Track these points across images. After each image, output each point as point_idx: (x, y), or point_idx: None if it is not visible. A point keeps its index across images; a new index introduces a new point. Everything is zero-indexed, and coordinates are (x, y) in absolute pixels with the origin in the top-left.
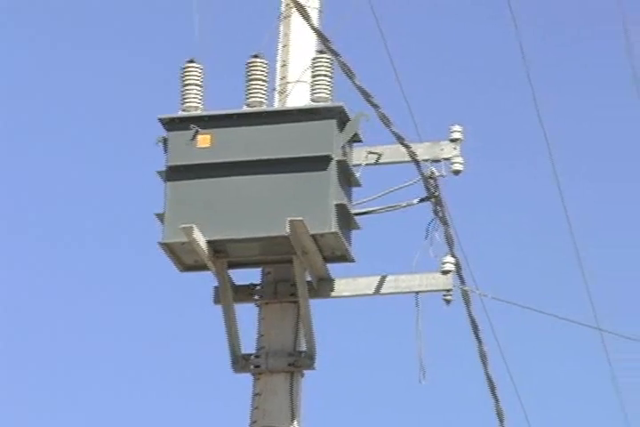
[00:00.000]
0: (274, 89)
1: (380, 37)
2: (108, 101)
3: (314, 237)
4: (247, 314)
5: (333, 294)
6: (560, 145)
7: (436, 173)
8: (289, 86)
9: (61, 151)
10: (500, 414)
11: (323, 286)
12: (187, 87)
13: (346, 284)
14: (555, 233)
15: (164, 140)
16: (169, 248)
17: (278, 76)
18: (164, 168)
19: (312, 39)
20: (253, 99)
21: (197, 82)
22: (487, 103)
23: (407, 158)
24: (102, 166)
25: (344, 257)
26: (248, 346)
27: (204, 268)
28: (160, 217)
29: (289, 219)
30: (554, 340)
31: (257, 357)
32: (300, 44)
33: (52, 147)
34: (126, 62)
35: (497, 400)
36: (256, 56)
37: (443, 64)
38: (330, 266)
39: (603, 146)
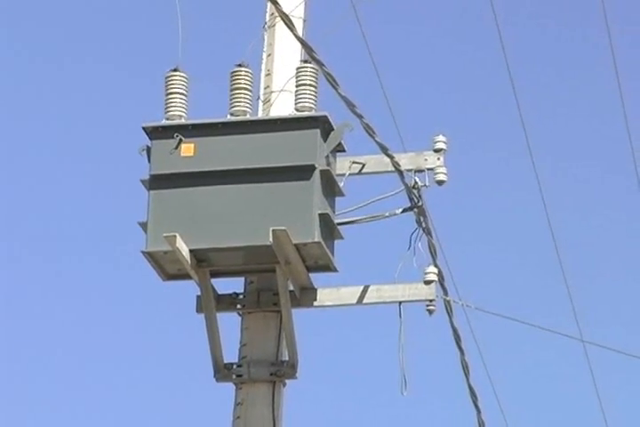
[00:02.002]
0: (258, 98)
1: (365, 47)
2: (91, 109)
3: (297, 246)
4: (230, 323)
5: (316, 303)
6: (544, 155)
7: (420, 184)
8: (273, 96)
9: (44, 159)
10: (481, 426)
11: (305, 296)
12: (170, 96)
13: (329, 293)
14: (538, 244)
15: (148, 149)
16: (152, 257)
17: (262, 86)
18: (147, 177)
19: (296, 49)
20: (237, 108)
21: (181, 91)
22: (471, 113)
23: (391, 168)
24: (86, 175)
25: (327, 267)
26: (230, 355)
27: (186, 277)
28: (143, 226)
29: (272, 228)
30: (537, 351)
31: (239, 366)
32: (284, 54)
33: (34, 155)
34: (110, 70)
35: (479, 411)
36: (240, 65)
37: (427, 74)
38: (313, 276)
39: (589, 154)
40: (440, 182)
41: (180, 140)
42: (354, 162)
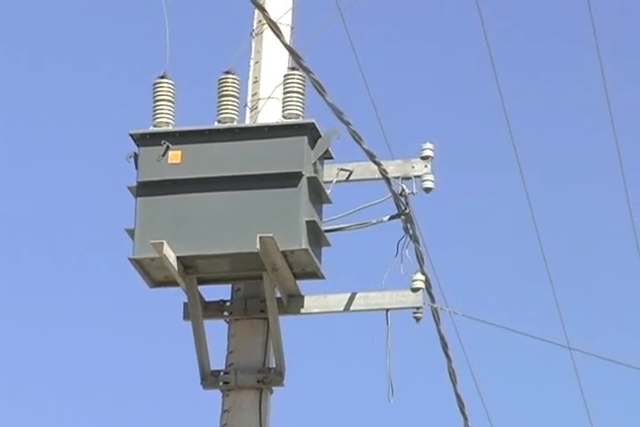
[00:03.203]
0: (245, 105)
1: (352, 54)
2: (79, 116)
3: (284, 253)
4: (217, 330)
5: (303, 310)
6: (531, 162)
7: (407, 191)
8: (260, 102)
9: (30, 166)
10: None
11: (292, 303)
12: (158, 103)
13: (316, 301)
14: (525, 251)
15: (135, 156)
16: (139, 264)
17: (250, 93)
18: (134, 184)
19: (284, 56)
20: (225, 115)
21: (169, 98)
22: (459, 121)
23: (378, 176)
24: (73, 181)
25: (314, 274)
26: (217, 362)
27: (173, 284)
28: (130, 233)
29: (259, 235)
30: (524, 358)
31: (226, 373)
32: (271, 61)
33: (21, 162)
34: (97, 77)
35: (466, 419)
36: (228, 72)
37: (415, 81)
38: (300, 283)
39: (575, 162)
40: (427, 190)
41: (168, 147)
42: (341, 169)
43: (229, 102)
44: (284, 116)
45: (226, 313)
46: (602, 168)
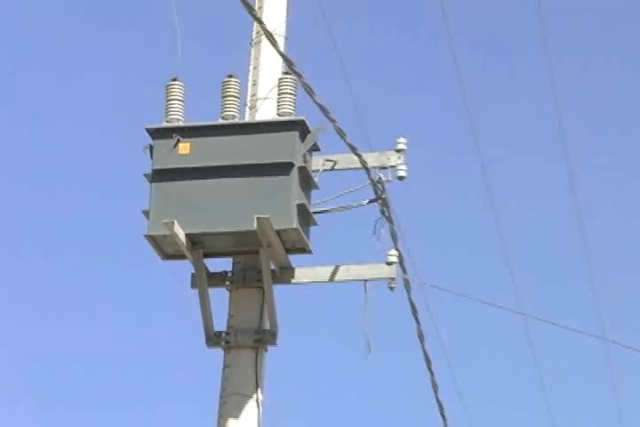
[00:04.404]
0: (245, 104)
1: (338, 61)
2: (102, 113)
3: (277, 231)
4: (219, 297)
5: (294, 280)
6: (494, 152)
7: (383, 179)
8: (258, 102)
9: (61, 160)
10: (434, 386)
11: (285, 274)
12: (170, 102)
13: (304, 272)
14: (486, 232)
15: (150, 148)
16: (153, 240)
17: (249, 94)
18: (149, 171)
19: (278, 62)
20: (227, 112)
21: (179, 97)
22: (428, 119)
23: (358, 166)
24: (97, 170)
25: (303, 249)
26: (220, 325)
27: (182, 257)
28: (146, 213)
29: (256, 216)
30: (481, 322)
31: (227, 334)
32: (268, 67)
33: (54, 157)
34: (118, 80)
35: (432, 374)
36: (230, 76)
37: (392, 83)
38: (291, 257)
39: (537, 148)
40: (401, 178)
41: (178, 140)
42: (327, 160)
43: (231, 102)
44: (278, 114)
45: (227, 283)
46: (557, 152)
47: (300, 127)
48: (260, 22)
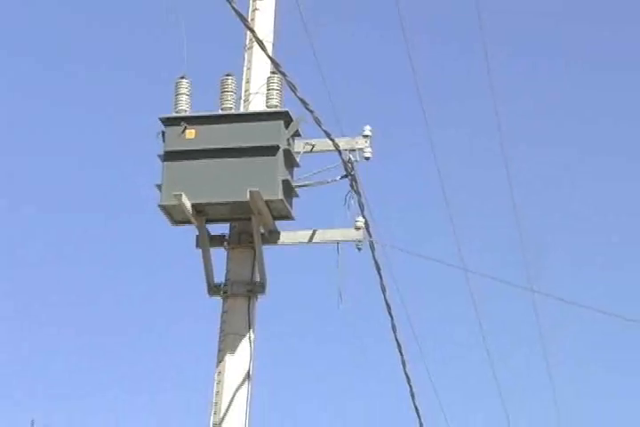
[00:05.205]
0: (240, 98)
1: (316, 63)
2: (123, 106)
3: (266, 202)
4: (219, 256)
5: (279, 242)
6: (442, 134)
7: (353, 159)
8: (251, 96)
9: (91, 143)
10: (394, 328)
11: (272, 237)
12: (178, 95)
13: (287, 235)
14: (436, 200)
15: (163, 133)
16: (165, 208)
17: (243, 89)
18: (162, 153)
19: (267, 64)
20: (226, 105)
21: (186, 92)
22: (391, 109)
23: (332, 148)
24: (121, 152)
25: (287, 216)
26: (219, 278)
27: (188, 223)
28: (159, 187)
29: (249, 189)
30: (432, 277)
31: (225, 285)
32: (258, 67)
33: (82, 139)
34: (139, 78)
35: (392, 317)
36: (228, 75)
37: (360, 81)
38: (277, 223)
39: (475, 134)
40: (367, 158)
41: (185, 127)
42: (306, 143)
43: (229, 96)
44: (267, 106)
45: (225, 244)
46: (488, 123)
47: (284, 117)
48: (252, 31)
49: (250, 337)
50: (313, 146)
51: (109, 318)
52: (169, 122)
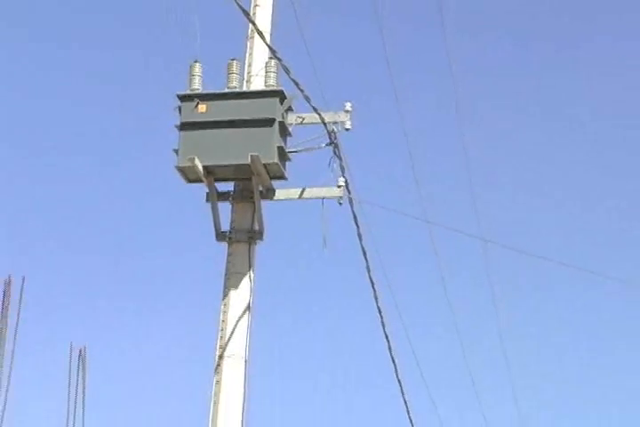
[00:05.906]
0: (243, 79)
1: (306, 50)
2: (147, 84)
3: (264, 164)
4: (225, 208)
5: (275, 198)
6: (411, 111)
7: (335, 130)
8: (252, 78)
9: (121, 118)
10: (368, 268)
11: (269, 193)
12: (192, 76)
13: (282, 192)
14: (404, 163)
15: (179, 108)
16: (181, 169)
17: (246, 72)
18: (179, 124)
19: (266, 51)
20: (231, 84)
21: (199, 73)
22: (368, 88)
23: (319, 121)
24: (146, 124)
25: (281, 177)
26: (225, 226)
27: (200, 181)
28: (176, 151)
29: (250, 154)
30: (401, 230)
31: (230, 232)
32: (259, 53)
33: (111, 117)
34: (161, 63)
35: (367, 260)
36: (233, 59)
37: (343, 64)
38: (273, 182)
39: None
40: (347, 129)
41: (198, 102)
42: (298, 116)
43: (234, 77)
44: (265, 86)
45: (230, 199)
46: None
47: (279, 95)
48: (254, 24)
49: (250, 276)
50: (303, 119)
51: (134, 262)
52: (184, 98)
